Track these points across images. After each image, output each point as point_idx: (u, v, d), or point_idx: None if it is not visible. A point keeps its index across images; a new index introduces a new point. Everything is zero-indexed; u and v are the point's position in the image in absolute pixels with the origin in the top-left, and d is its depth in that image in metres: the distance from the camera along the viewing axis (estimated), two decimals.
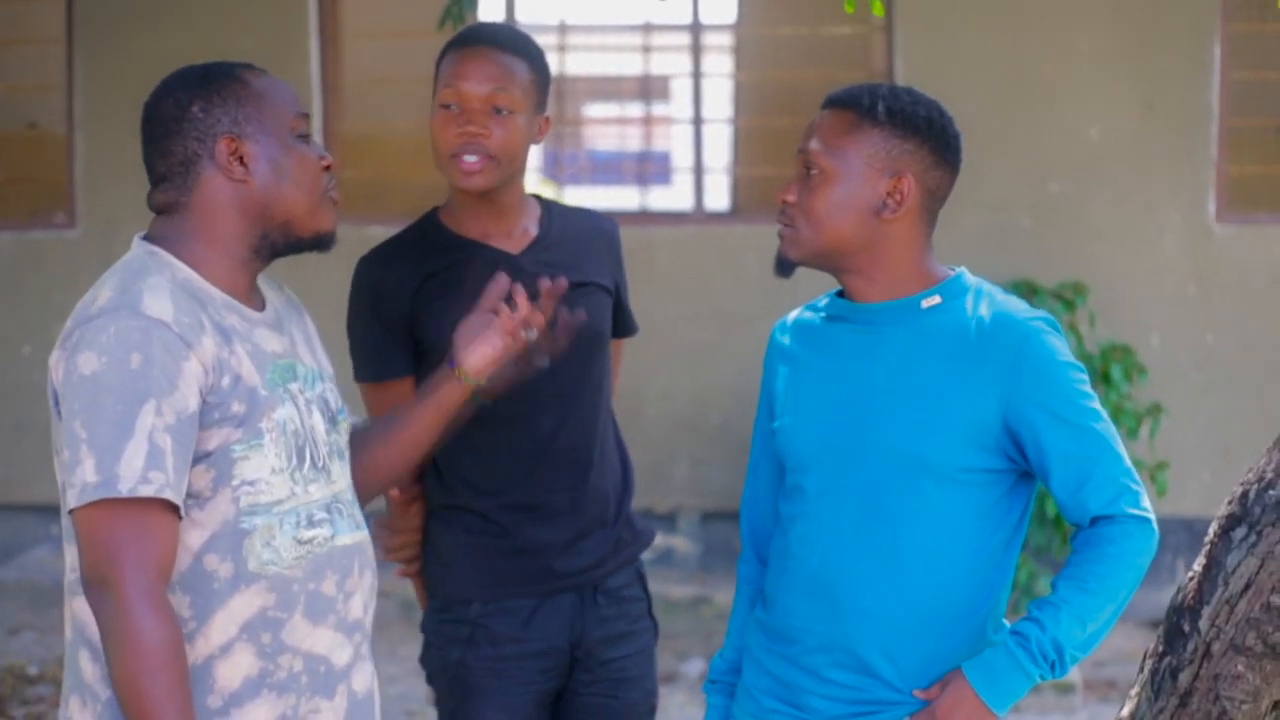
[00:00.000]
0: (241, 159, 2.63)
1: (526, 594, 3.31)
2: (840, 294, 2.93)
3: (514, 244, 3.33)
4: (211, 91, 2.64)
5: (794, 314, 3.04)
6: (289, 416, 2.60)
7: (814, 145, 2.82)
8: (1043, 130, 7.65)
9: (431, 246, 3.31)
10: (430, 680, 3.40)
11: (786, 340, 3.00)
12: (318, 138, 7.94)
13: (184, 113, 2.64)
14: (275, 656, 2.57)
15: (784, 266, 2.89)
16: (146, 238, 2.66)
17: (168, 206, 2.66)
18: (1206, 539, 3.00)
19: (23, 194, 8.53)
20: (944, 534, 2.78)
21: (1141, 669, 3.11)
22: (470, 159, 3.23)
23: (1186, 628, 2.97)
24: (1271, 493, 2.87)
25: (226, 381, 2.53)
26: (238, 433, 2.54)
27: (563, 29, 8.75)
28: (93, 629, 2.50)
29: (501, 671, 3.29)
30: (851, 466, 2.81)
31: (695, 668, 6.70)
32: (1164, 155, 7.63)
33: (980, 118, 7.62)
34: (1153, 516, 2.75)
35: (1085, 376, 2.81)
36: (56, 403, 2.52)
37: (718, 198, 8.54)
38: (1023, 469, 2.82)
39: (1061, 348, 2.80)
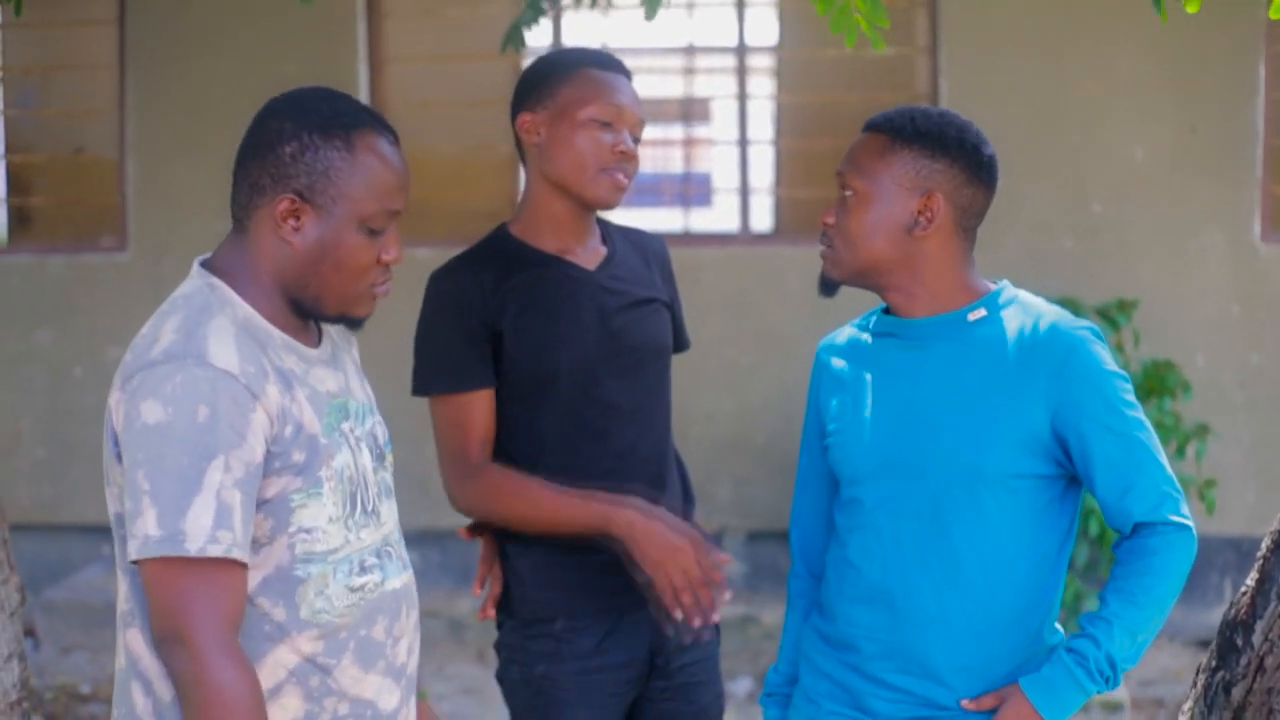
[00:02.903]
0: (297, 221, 2.55)
1: (610, 607, 3.34)
2: (886, 311, 3.01)
3: (590, 260, 3.39)
4: (312, 144, 2.55)
5: (839, 332, 3.12)
6: (346, 463, 2.57)
7: (849, 168, 2.93)
8: (1086, 151, 7.66)
9: (511, 259, 3.35)
10: (510, 696, 3.42)
11: (834, 358, 3.07)
12: None
13: (278, 145, 2.56)
14: (321, 699, 2.56)
15: (827, 286, 2.99)
16: (207, 263, 2.62)
17: (235, 220, 2.62)
18: (1259, 554, 3.02)
19: (73, 218, 8.62)
20: (1000, 540, 2.85)
21: (1194, 684, 3.13)
22: (624, 178, 3.32)
23: (1239, 642, 2.99)
24: None
25: (289, 431, 2.49)
26: (297, 481, 2.50)
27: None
28: (146, 663, 2.50)
29: (586, 684, 3.33)
30: (908, 478, 2.88)
31: (743, 687, 6.71)
32: (1208, 176, 7.62)
33: (1024, 139, 7.64)
34: (1193, 524, 2.81)
35: (1130, 386, 2.88)
36: (115, 443, 2.48)
37: (760, 219, 8.56)
38: (1071, 473, 2.89)
39: (1107, 357, 2.87)
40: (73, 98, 8.79)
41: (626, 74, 3.40)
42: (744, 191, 8.17)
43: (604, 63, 3.38)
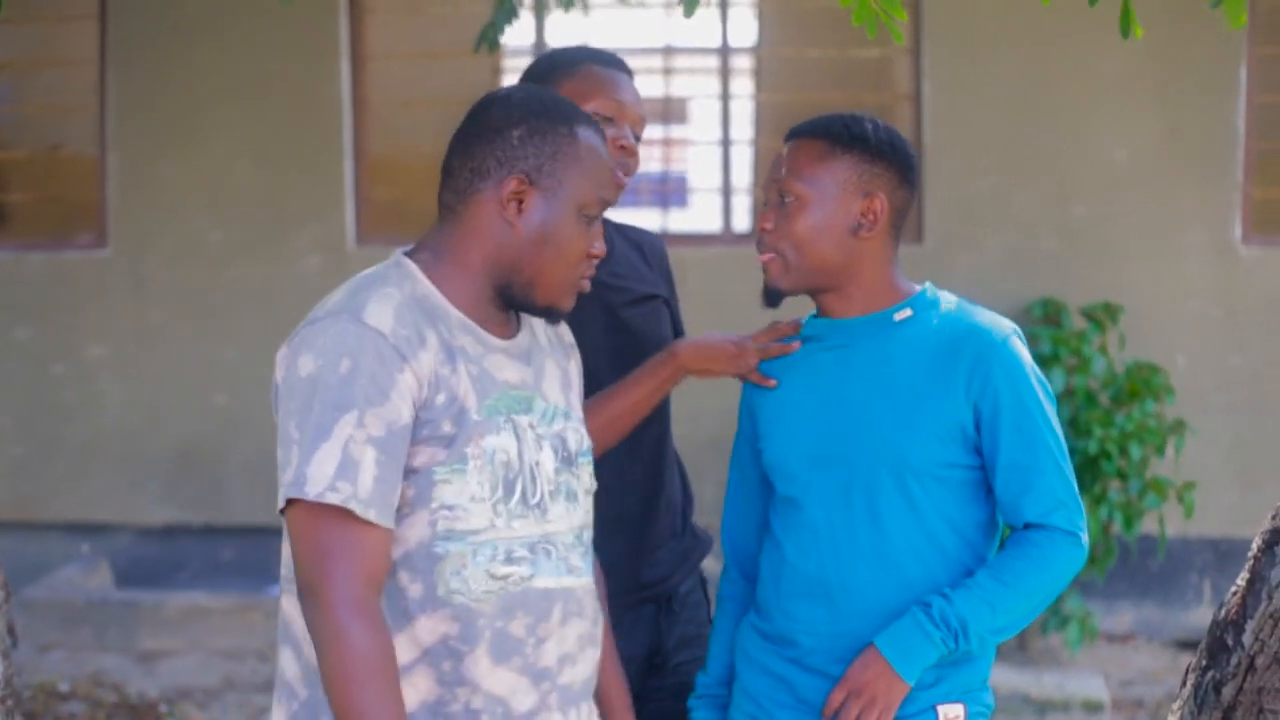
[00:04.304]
0: (521, 204, 2.58)
1: (613, 607, 3.33)
2: (815, 316, 3.10)
3: None
4: (540, 128, 2.59)
5: None
6: (502, 446, 2.53)
7: (787, 174, 2.99)
8: (1068, 153, 7.67)
9: None
10: None
11: (766, 367, 3.16)
12: (347, 159, 7.98)
13: (505, 129, 2.60)
14: (453, 687, 2.50)
15: (773, 296, 3.05)
16: (413, 248, 2.64)
17: (444, 208, 2.63)
18: (1250, 554, 3.03)
19: (52, 214, 8.58)
20: (931, 529, 2.93)
21: (1184, 683, 3.13)
22: (622, 174, 3.30)
23: (1230, 642, 2.99)
24: None
25: (441, 399, 2.48)
26: (443, 453, 2.48)
27: None
28: (297, 626, 2.51)
29: None
30: (840, 473, 2.95)
31: None
32: (1190, 178, 7.64)
33: (1006, 140, 7.65)
34: (1084, 538, 2.91)
35: (1049, 391, 2.97)
36: (277, 399, 2.50)
37: (739, 218, 8.56)
38: None
39: (1028, 358, 2.96)
40: (52, 93, 8.74)
41: (629, 73, 3.41)
42: (726, 192, 8.16)
43: (607, 60, 3.39)
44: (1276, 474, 7.47)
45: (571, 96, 3.29)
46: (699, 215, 9.64)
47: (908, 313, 2.99)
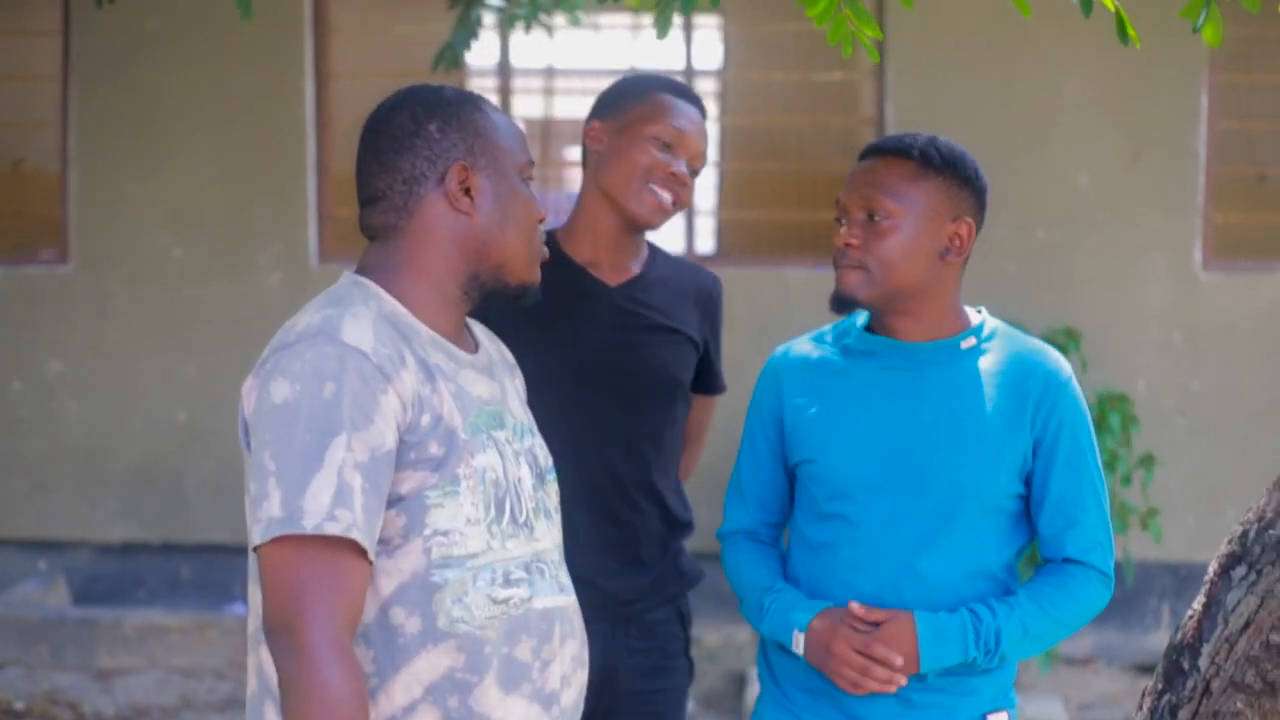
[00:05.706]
0: (469, 190, 2.51)
1: None
2: (868, 329, 3.08)
3: (614, 277, 3.39)
4: (452, 114, 2.52)
5: (798, 347, 3.16)
6: (490, 464, 2.44)
7: (877, 192, 2.96)
8: (1031, 177, 7.70)
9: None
10: None
11: (799, 373, 3.12)
12: (310, 177, 7.97)
13: (420, 129, 2.51)
14: None
15: (845, 305, 3.01)
16: (358, 271, 2.54)
17: (382, 230, 2.54)
18: (1206, 577, 3.04)
19: (12, 230, 8.54)
20: (985, 554, 2.99)
21: (1140, 706, 3.14)
22: (669, 198, 3.34)
23: (1186, 665, 3.00)
24: (1271, 532, 2.90)
25: (426, 420, 2.37)
26: (433, 477, 2.37)
27: (549, 73, 8.80)
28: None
29: None
30: (905, 497, 2.97)
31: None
32: (1151, 203, 7.68)
33: None
34: (1113, 580, 3.03)
35: (1093, 429, 3.05)
36: (246, 434, 2.38)
37: (703, 240, 8.57)
38: None
39: (1083, 399, 3.02)
40: (14, 108, 8.71)
41: (700, 109, 3.44)
42: (689, 212, 8.16)
43: (679, 91, 3.42)
44: (1236, 499, 7.50)
45: (637, 119, 3.33)
46: (662, 236, 9.66)
47: (972, 341, 3.02)
